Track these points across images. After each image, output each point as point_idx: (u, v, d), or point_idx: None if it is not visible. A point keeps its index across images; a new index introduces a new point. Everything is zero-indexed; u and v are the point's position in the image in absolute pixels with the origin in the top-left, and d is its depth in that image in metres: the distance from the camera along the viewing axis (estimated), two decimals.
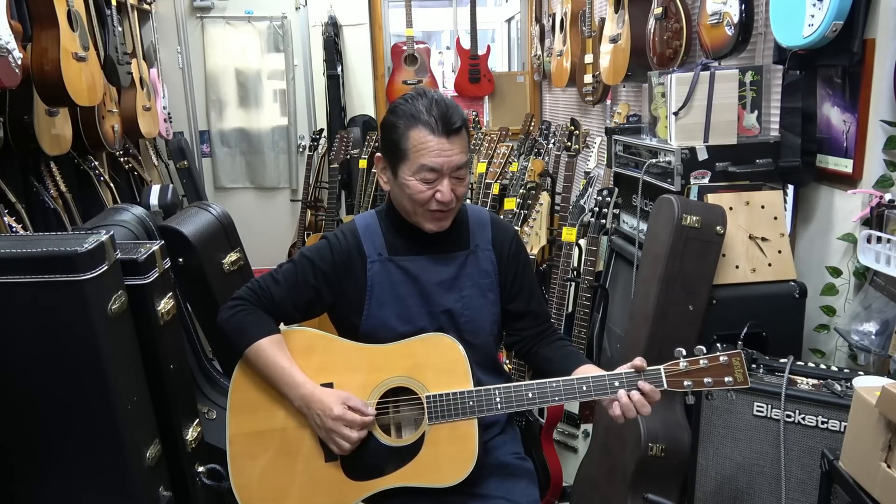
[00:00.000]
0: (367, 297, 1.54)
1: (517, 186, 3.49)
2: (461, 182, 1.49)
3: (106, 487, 1.47)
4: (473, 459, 1.44)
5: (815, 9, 1.82)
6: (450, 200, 1.47)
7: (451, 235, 1.57)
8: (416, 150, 1.44)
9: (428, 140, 1.43)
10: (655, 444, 1.92)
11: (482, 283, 1.58)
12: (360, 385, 1.48)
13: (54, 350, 1.38)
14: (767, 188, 2.09)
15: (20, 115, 2.82)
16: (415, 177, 1.45)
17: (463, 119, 1.47)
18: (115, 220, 1.93)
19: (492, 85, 5.43)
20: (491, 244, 1.60)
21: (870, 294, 1.82)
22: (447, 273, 1.56)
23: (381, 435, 1.47)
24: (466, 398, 1.43)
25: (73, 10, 2.83)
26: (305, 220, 4.84)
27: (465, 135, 1.48)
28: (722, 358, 1.38)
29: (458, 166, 1.46)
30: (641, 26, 2.92)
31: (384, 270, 1.55)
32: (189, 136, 5.27)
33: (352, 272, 1.55)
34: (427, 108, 1.44)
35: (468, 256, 1.58)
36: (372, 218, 1.60)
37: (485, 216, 1.64)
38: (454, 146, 1.45)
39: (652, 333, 1.97)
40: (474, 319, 1.56)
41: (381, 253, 1.55)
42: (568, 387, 1.41)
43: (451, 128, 1.43)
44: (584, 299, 2.48)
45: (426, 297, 1.54)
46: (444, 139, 1.43)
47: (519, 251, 1.64)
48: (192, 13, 5.19)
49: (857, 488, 1.32)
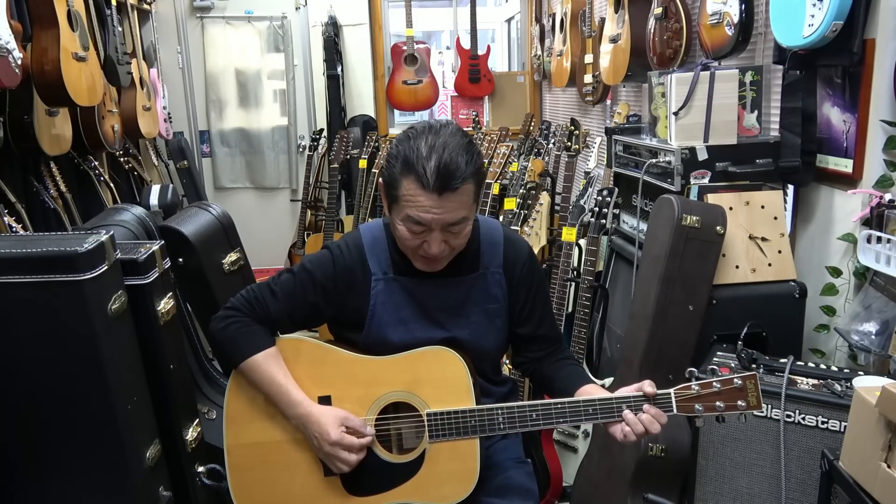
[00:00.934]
0: (368, 316, 1.47)
1: (517, 186, 3.49)
2: (457, 236, 1.37)
3: (106, 487, 1.47)
4: (475, 479, 1.41)
5: (815, 9, 1.82)
6: (438, 254, 1.36)
7: (460, 257, 1.47)
8: (405, 198, 1.33)
9: (417, 194, 1.30)
10: (655, 444, 1.92)
11: (490, 308, 1.50)
12: (358, 399, 1.45)
13: (54, 350, 1.38)
14: (767, 188, 2.09)
15: (20, 115, 2.82)
16: (403, 224, 1.36)
17: (471, 172, 1.32)
18: (115, 220, 1.93)
19: (492, 85, 5.43)
20: (502, 266, 1.50)
21: (870, 294, 1.82)
22: (454, 298, 1.48)
23: (381, 451, 1.45)
24: (468, 417, 1.39)
25: (73, 10, 2.83)
26: (305, 220, 4.85)
27: (468, 188, 1.33)
28: (736, 381, 1.31)
29: (450, 223, 1.33)
30: (641, 26, 2.92)
31: (388, 290, 1.47)
32: (189, 136, 5.27)
33: (354, 289, 1.48)
34: (427, 155, 1.29)
35: (477, 280, 1.49)
36: (379, 231, 1.50)
37: (497, 235, 1.53)
38: (447, 204, 1.31)
39: (652, 333, 1.97)
40: (480, 347, 1.51)
41: (387, 272, 1.47)
42: (574, 408, 1.37)
43: (447, 186, 1.29)
44: (584, 299, 2.48)
45: (431, 322, 1.48)
46: (436, 196, 1.30)
47: (532, 272, 1.54)
48: (192, 13, 5.19)
49: (857, 488, 1.32)
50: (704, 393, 1.32)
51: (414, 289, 1.47)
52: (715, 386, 1.32)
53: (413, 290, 1.47)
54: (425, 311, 1.48)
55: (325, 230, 4.35)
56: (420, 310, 1.48)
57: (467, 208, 1.36)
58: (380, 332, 1.48)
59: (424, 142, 1.31)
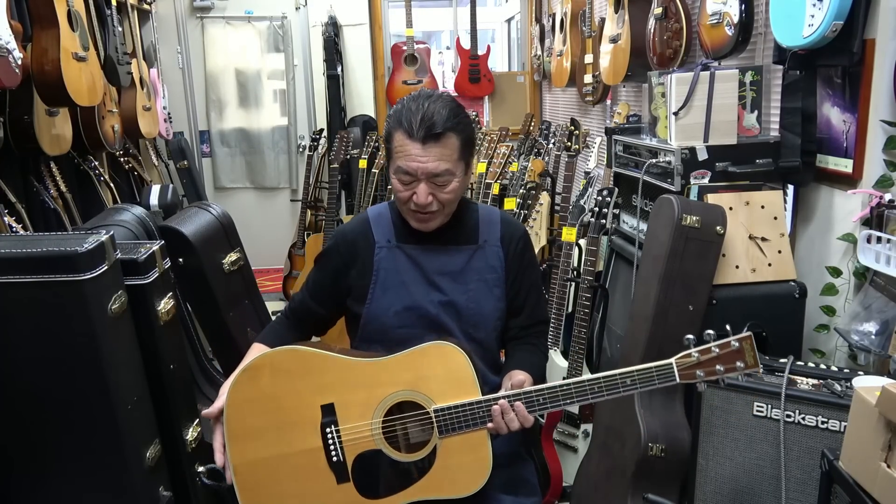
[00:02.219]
0: (372, 282, 1.56)
1: (517, 186, 3.49)
2: (442, 188, 1.48)
3: (106, 487, 1.47)
4: (489, 467, 1.42)
5: (815, 9, 1.82)
6: (425, 204, 1.47)
7: (460, 230, 1.59)
8: (395, 150, 1.48)
9: (405, 143, 1.45)
10: (655, 444, 1.92)
11: (489, 277, 1.58)
12: (362, 402, 1.44)
13: (54, 350, 1.38)
14: (767, 188, 2.09)
15: (20, 115, 2.82)
16: (395, 176, 1.50)
17: (453, 125, 1.45)
18: (115, 220, 1.93)
19: (492, 85, 5.43)
20: (500, 241, 1.61)
21: (870, 294, 1.82)
22: (454, 264, 1.57)
23: (391, 451, 1.44)
24: (476, 408, 1.40)
25: (73, 10, 2.83)
26: (305, 220, 4.84)
27: (451, 141, 1.46)
28: (733, 343, 1.35)
29: (434, 173, 1.45)
30: (641, 26, 2.92)
31: (391, 257, 1.57)
32: (189, 136, 5.27)
33: (358, 258, 1.59)
34: (413, 110, 1.45)
35: (476, 251, 1.59)
36: (384, 208, 1.64)
37: (495, 215, 1.65)
38: (430, 153, 1.44)
39: (652, 333, 1.97)
40: (479, 313, 1.57)
41: (390, 240, 1.58)
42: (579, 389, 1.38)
43: (429, 133, 1.43)
44: (584, 299, 2.48)
45: (431, 286, 1.56)
46: (419, 145, 1.44)
47: (525, 250, 1.64)
48: (192, 13, 5.20)
49: (857, 488, 1.32)
50: (704, 359, 1.36)
51: (416, 255, 1.57)
52: (714, 351, 1.35)
53: (415, 257, 1.57)
54: (426, 276, 1.56)
55: (325, 230, 4.34)
56: (421, 274, 1.57)
57: (451, 162, 1.47)
58: (383, 297, 1.56)
59: (415, 101, 1.47)
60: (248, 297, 2.31)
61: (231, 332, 2.15)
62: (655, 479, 1.95)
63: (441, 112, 1.44)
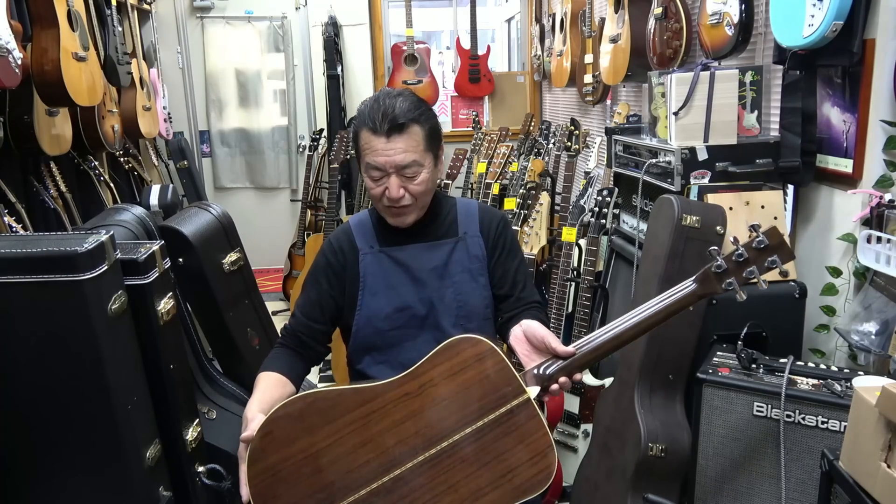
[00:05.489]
0: (360, 289, 1.59)
1: (517, 186, 3.49)
2: (412, 180, 1.50)
3: (105, 487, 1.47)
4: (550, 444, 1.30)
5: (815, 9, 1.82)
6: (398, 198, 1.49)
7: (440, 225, 1.62)
8: (363, 149, 1.50)
9: (370, 140, 1.47)
10: (655, 444, 1.92)
11: (472, 267, 1.60)
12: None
13: (54, 350, 1.38)
14: (767, 188, 2.09)
15: (20, 115, 2.82)
16: (366, 174, 1.52)
17: (415, 116, 1.47)
18: (115, 220, 1.93)
19: (492, 85, 5.43)
20: (479, 231, 1.63)
21: (870, 294, 1.82)
22: (437, 260, 1.59)
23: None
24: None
25: (73, 10, 2.83)
26: (305, 220, 4.84)
27: (416, 132, 1.48)
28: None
29: (402, 165, 1.47)
30: (641, 26, 2.92)
31: (376, 261, 1.59)
32: (189, 136, 5.27)
33: (345, 268, 1.61)
34: (376, 108, 1.46)
35: (457, 244, 1.61)
36: (364, 215, 1.67)
37: (473, 206, 1.67)
38: (395, 145, 1.46)
39: (652, 334, 1.97)
40: (467, 304, 1.58)
41: (373, 245, 1.61)
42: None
43: (391, 125, 1.45)
44: (584, 299, 2.48)
45: (418, 284, 1.58)
46: (384, 138, 1.46)
47: (504, 233, 1.65)
48: (192, 13, 5.20)
49: (857, 488, 1.32)
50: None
51: (399, 256, 1.59)
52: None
53: (399, 258, 1.59)
54: (411, 275, 1.58)
55: (325, 230, 4.34)
56: (407, 275, 1.58)
57: (418, 153, 1.49)
58: (372, 301, 1.58)
59: (377, 100, 1.49)
60: (249, 297, 2.30)
61: (231, 333, 2.15)
62: (655, 479, 1.95)
63: (402, 105, 1.47)
